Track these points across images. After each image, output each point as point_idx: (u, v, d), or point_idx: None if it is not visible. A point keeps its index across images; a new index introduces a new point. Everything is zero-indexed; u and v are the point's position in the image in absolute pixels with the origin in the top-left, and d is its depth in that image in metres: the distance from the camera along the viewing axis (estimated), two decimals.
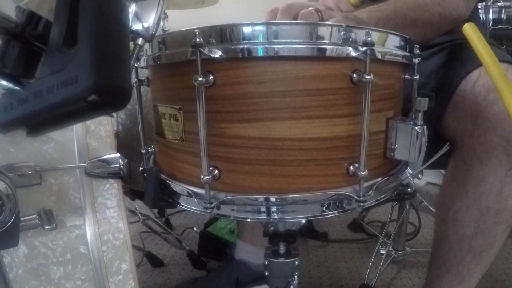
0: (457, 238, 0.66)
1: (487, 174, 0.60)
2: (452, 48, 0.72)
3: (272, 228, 0.53)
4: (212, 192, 0.43)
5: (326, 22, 0.49)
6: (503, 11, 1.69)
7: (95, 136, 0.60)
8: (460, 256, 0.66)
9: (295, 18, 0.53)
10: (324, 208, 0.45)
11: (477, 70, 0.62)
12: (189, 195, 0.46)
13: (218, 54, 0.40)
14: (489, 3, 1.66)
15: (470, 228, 0.64)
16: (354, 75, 0.41)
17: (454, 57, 0.70)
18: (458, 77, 0.64)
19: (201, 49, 0.39)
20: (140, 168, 0.59)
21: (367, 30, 0.40)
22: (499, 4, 1.69)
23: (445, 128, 0.66)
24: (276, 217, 0.45)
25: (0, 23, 0.31)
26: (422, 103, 0.46)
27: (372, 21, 0.56)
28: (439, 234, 0.72)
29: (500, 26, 1.68)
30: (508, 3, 1.69)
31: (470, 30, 0.44)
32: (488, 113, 0.58)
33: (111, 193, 0.60)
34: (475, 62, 0.63)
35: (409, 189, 0.53)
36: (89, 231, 0.57)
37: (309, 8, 0.53)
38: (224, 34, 0.40)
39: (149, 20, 0.38)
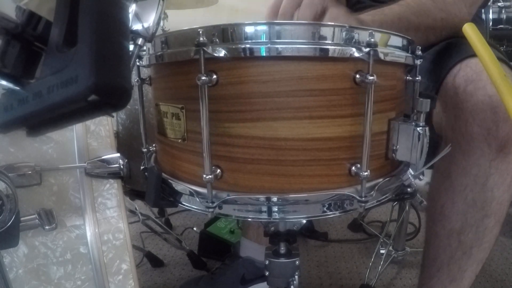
0: (445, 233, 0.66)
1: (470, 165, 0.60)
2: (442, 46, 0.73)
3: (272, 228, 0.53)
4: (214, 192, 0.43)
5: (328, 23, 0.49)
6: (503, 11, 1.69)
7: (95, 136, 0.59)
8: (450, 253, 0.66)
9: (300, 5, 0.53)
10: (325, 208, 0.45)
11: (458, 64, 0.63)
12: (191, 194, 0.46)
13: (221, 53, 0.39)
14: (489, 3, 1.66)
15: (458, 222, 0.64)
16: (357, 76, 0.41)
17: (442, 54, 0.71)
18: (443, 72, 0.64)
19: (205, 48, 0.39)
20: (141, 167, 0.59)
21: (370, 31, 0.40)
22: (499, 4, 1.69)
23: (435, 123, 0.67)
24: (277, 217, 0.45)
25: (0, 23, 0.31)
26: (424, 104, 0.46)
27: (375, 25, 0.56)
28: (428, 230, 0.72)
29: (500, 26, 1.68)
30: (508, 3, 1.69)
31: (470, 30, 0.44)
32: (467, 104, 0.59)
33: (111, 193, 0.60)
34: (458, 56, 0.63)
35: (409, 189, 0.53)
36: (89, 231, 0.57)
37: None
38: (227, 34, 0.40)
39: (149, 20, 0.38)
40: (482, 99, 0.57)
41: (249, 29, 0.40)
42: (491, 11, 1.68)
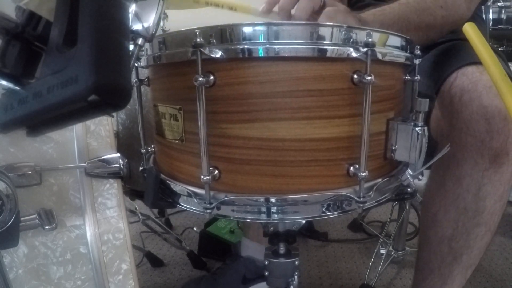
0: (437, 239, 0.67)
1: (463, 174, 0.61)
2: (442, 49, 0.73)
3: (272, 228, 0.53)
4: (212, 193, 0.43)
5: (326, 23, 0.49)
6: (503, 11, 1.69)
7: (95, 136, 0.60)
8: (441, 257, 0.67)
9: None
10: (324, 209, 0.45)
11: (455, 73, 0.63)
12: (189, 195, 0.46)
13: (218, 54, 0.39)
14: (489, 3, 1.66)
15: (449, 229, 0.65)
16: (355, 76, 0.41)
17: (441, 58, 0.71)
18: (440, 79, 0.65)
19: (202, 49, 0.39)
20: (140, 168, 0.59)
21: (368, 31, 0.40)
22: (499, 4, 1.69)
23: (432, 129, 0.67)
24: (276, 217, 0.45)
25: (0, 23, 0.31)
26: (423, 104, 0.46)
27: (376, 25, 0.56)
28: (421, 235, 0.73)
29: (500, 26, 1.68)
30: (508, 3, 1.69)
31: (470, 30, 0.44)
32: (462, 114, 0.59)
33: (111, 193, 0.60)
34: (455, 64, 0.64)
35: (409, 189, 0.54)
36: (89, 231, 0.57)
37: None
38: (224, 34, 0.40)
39: (149, 20, 0.38)
40: (477, 109, 0.57)
41: (247, 30, 0.40)
42: (491, 11, 1.68)
